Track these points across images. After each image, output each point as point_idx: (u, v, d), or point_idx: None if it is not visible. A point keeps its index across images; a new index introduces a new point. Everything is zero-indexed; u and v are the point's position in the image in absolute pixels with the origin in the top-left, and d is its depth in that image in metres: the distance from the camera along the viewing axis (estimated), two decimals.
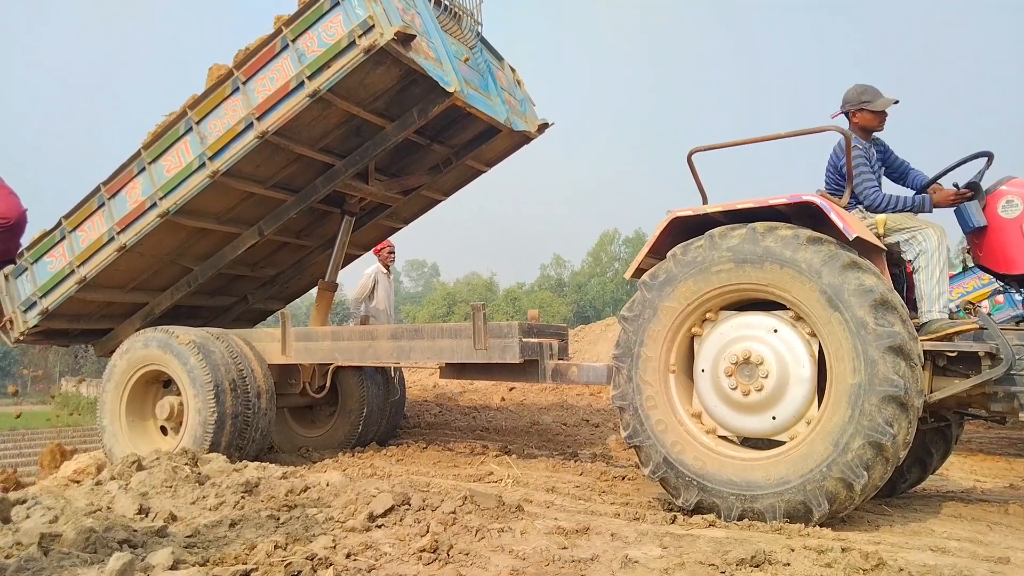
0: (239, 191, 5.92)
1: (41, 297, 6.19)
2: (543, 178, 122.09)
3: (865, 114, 4.29)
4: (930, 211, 4.08)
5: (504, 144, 6.86)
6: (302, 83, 5.15)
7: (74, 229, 6.05)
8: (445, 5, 5.82)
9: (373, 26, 4.85)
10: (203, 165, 5.55)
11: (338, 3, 4.98)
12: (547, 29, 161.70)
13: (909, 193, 4.32)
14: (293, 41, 5.15)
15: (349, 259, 7.82)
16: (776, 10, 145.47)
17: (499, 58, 6.63)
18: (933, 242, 3.90)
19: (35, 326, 6.30)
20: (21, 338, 6.43)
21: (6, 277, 6.27)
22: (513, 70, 6.86)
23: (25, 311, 6.29)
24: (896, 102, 4.27)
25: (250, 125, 5.35)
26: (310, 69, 5.11)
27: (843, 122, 4.38)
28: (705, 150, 4.29)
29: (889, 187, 4.43)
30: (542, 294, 61.51)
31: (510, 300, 56.04)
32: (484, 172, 7.28)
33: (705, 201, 4.31)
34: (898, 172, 4.52)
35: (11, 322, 6.37)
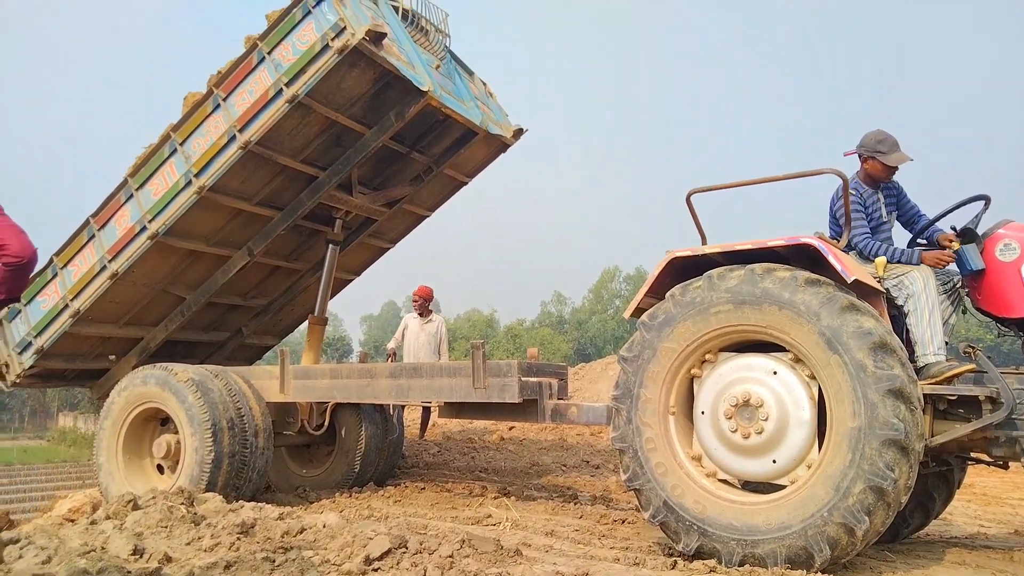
0: (227, 208, 6.01)
1: (35, 336, 6.20)
2: (543, 215, 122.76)
3: (876, 163, 4.31)
4: (916, 264, 4.08)
5: (482, 152, 7.03)
6: (280, 91, 5.34)
7: (65, 265, 6.12)
8: (412, 17, 6.03)
9: (344, 28, 5.07)
10: (189, 183, 5.68)
11: (310, 12, 5.21)
12: (549, 59, 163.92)
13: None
14: (269, 53, 5.37)
15: (341, 284, 7.92)
16: (783, 47, 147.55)
17: (469, 72, 6.84)
18: (919, 284, 3.92)
19: (31, 367, 6.29)
20: (18, 381, 6.42)
21: (0, 321, 6.28)
22: (484, 83, 7.05)
23: (20, 352, 6.30)
24: (911, 160, 4.27)
25: (233, 138, 5.51)
26: (287, 76, 5.30)
27: (855, 162, 4.42)
28: (704, 191, 4.32)
29: (900, 231, 4.46)
30: (543, 331, 61.43)
31: (511, 337, 55.94)
32: (466, 183, 7.44)
33: (704, 241, 4.33)
34: (908, 216, 4.53)
35: (7, 365, 6.37)
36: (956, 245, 4.04)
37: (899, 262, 4.10)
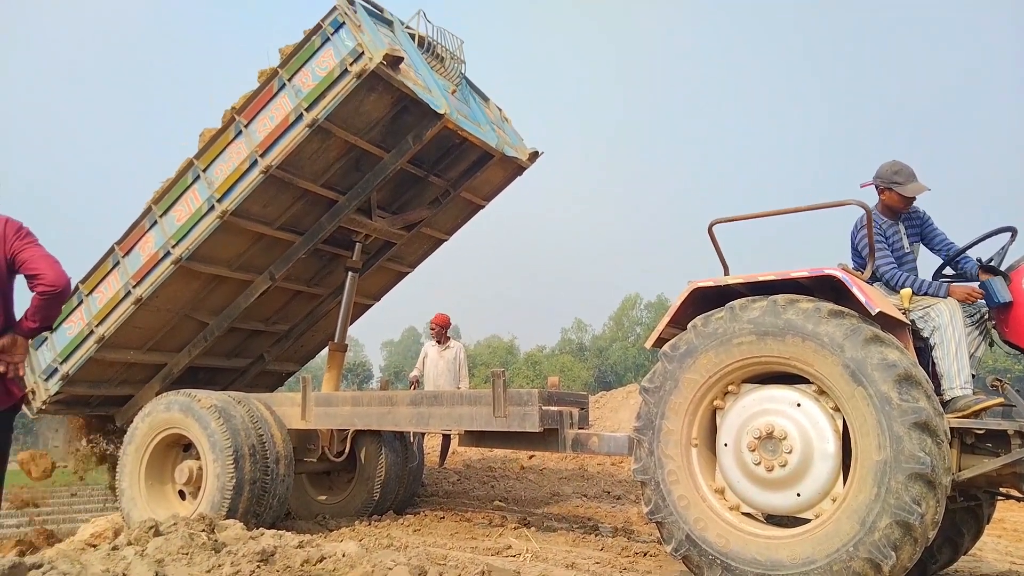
0: (249, 233, 6.10)
1: (61, 362, 6.29)
2: (564, 241, 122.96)
3: (892, 194, 4.30)
4: (944, 297, 4.05)
5: (498, 175, 7.10)
6: (300, 115, 5.46)
7: (91, 292, 6.23)
8: (428, 44, 6.16)
9: (363, 53, 5.20)
10: (212, 208, 5.79)
11: (328, 39, 5.34)
12: (569, 86, 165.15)
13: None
14: (289, 80, 5.51)
15: (361, 310, 7.98)
16: (806, 79, 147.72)
17: (485, 98, 6.95)
18: (945, 317, 3.87)
19: (57, 393, 6.37)
20: (43, 407, 6.51)
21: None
22: (500, 109, 7.15)
23: (46, 379, 6.40)
24: (928, 190, 4.25)
25: (255, 162, 5.62)
26: (307, 101, 5.42)
27: (872, 193, 4.41)
28: (725, 221, 4.31)
29: (926, 257, 4.42)
30: (563, 358, 61.27)
31: (531, 364, 55.85)
32: (483, 207, 7.51)
33: (727, 272, 4.32)
34: (935, 244, 4.48)
35: (33, 392, 6.45)
36: (981, 295, 4.01)
37: (926, 294, 4.07)
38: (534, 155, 7.05)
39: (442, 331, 8.85)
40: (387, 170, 6.10)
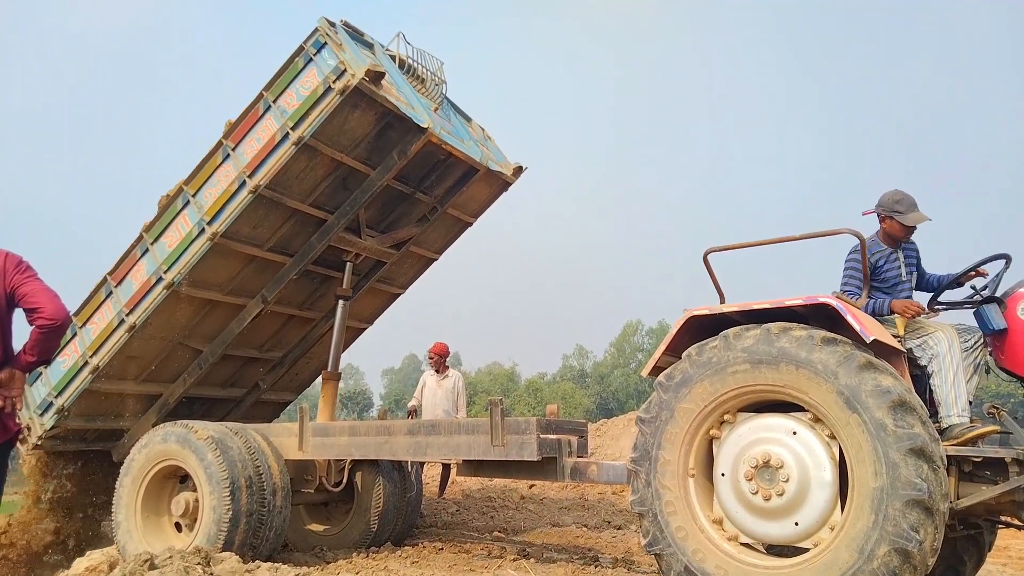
0: (240, 255, 6.16)
1: (56, 396, 6.30)
2: (566, 268, 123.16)
3: (893, 223, 4.34)
4: (887, 314, 4.12)
5: (484, 191, 7.20)
6: (287, 134, 5.58)
7: (84, 324, 6.27)
8: (409, 66, 6.30)
9: (345, 70, 5.34)
10: (203, 231, 5.87)
11: (311, 59, 5.49)
12: (572, 108, 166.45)
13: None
14: (274, 101, 5.64)
15: (355, 334, 8.02)
16: (805, 107, 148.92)
17: (467, 118, 7.07)
18: (944, 346, 3.88)
19: (52, 427, 6.36)
20: (39, 443, 6.48)
21: None
22: (483, 128, 7.27)
23: (41, 414, 6.39)
24: (928, 220, 4.30)
25: (243, 184, 5.73)
26: (292, 120, 5.55)
27: (873, 221, 4.45)
28: (720, 250, 4.33)
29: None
30: (564, 385, 61.07)
31: (532, 391, 55.65)
32: (471, 224, 7.60)
33: (722, 300, 4.33)
34: (921, 280, 4.55)
35: (28, 428, 6.43)
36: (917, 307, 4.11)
37: (873, 313, 4.11)
38: (518, 170, 7.18)
39: (440, 360, 8.87)
40: (374, 187, 6.22)
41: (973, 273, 4.31)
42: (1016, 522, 3.93)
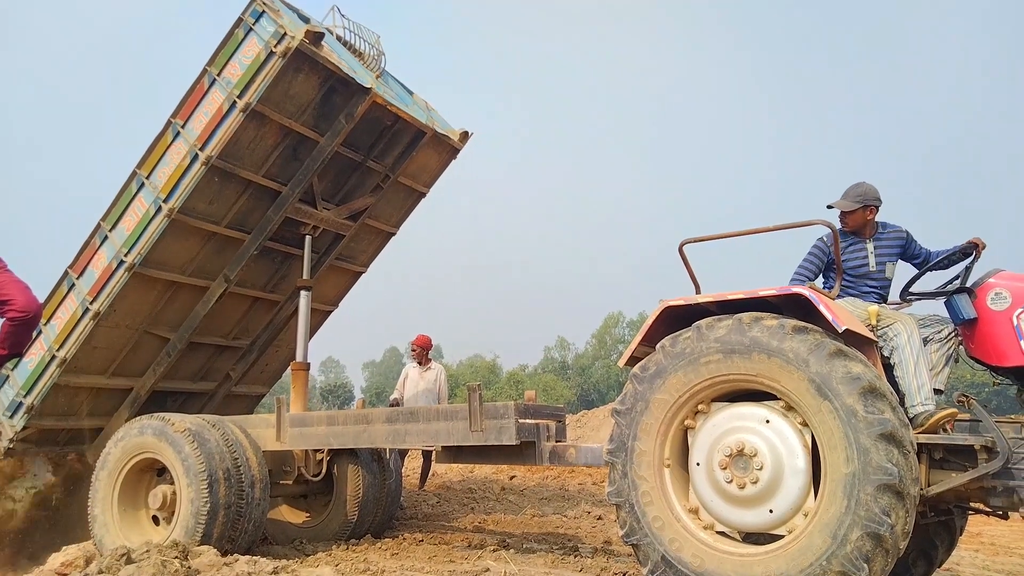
0: (198, 233, 6.19)
1: (25, 395, 6.24)
2: (546, 261, 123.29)
3: (855, 215, 4.43)
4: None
5: (433, 159, 7.33)
6: (233, 103, 5.69)
7: (48, 320, 6.23)
8: (345, 42, 6.45)
9: (285, 33, 5.46)
10: (159, 209, 5.93)
11: (251, 29, 5.62)
12: (558, 101, 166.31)
13: None
14: (219, 74, 5.74)
15: (321, 318, 8.04)
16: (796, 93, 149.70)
17: (409, 91, 7.17)
18: (903, 337, 3.94)
19: (23, 428, 6.29)
20: (11, 446, 6.39)
21: None
22: (426, 101, 7.33)
23: (11, 415, 6.32)
24: (880, 202, 4.44)
25: (195, 157, 5.81)
26: (238, 88, 5.66)
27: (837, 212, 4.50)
28: (695, 242, 4.37)
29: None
30: (545, 377, 61.22)
31: (513, 383, 55.74)
32: (425, 194, 7.70)
33: (698, 290, 4.36)
34: (919, 260, 4.58)
35: None
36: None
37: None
38: (465, 135, 7.28)
39: (423, 352, 8.86)
40: (324, 153, 6.30)
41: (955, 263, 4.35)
42: (985, 508, 4.00)
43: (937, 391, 3.96)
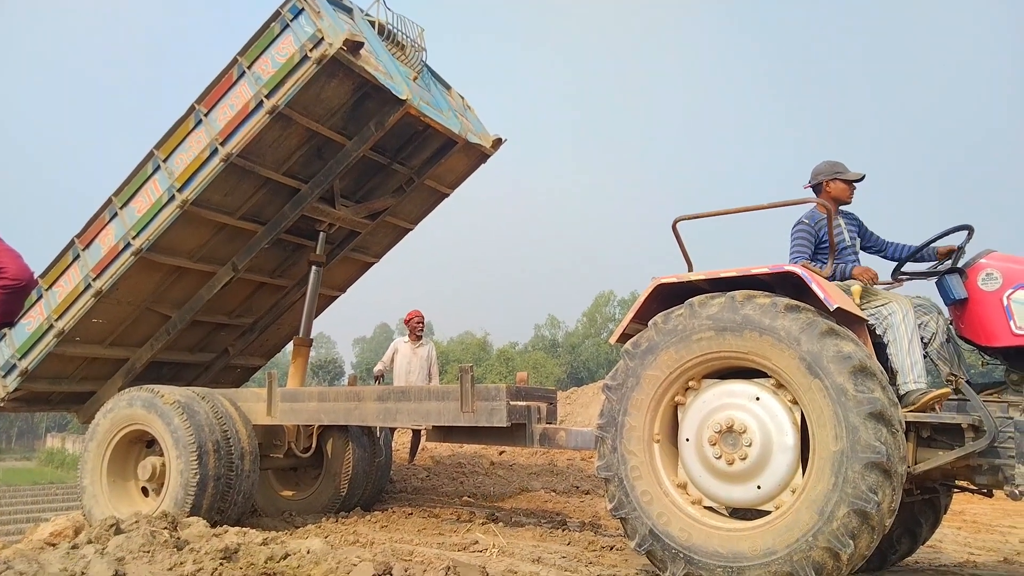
0: (210, 223, 6.04)
1: (20, 358, 6.18)
2: (539, 238, 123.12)
3: (839, 184, 4.43)
4: (850, 278, 4.23)
5: (462, 163, 7.10)
6: (261, 102, 5.43)
7: (50, 286, 6.13)
8: (388, 32, 6.13)
9: (322, 38, 5.18)
10: (172, 198, 5.74)
11: (288, 25, 5.32)
12: (548, 86, 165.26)
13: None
14: (249, 67, 5.47)
15: (327, 302, 7.94)
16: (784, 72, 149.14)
17: (447, 86, 6.94)
18: (898, 316, 3.95)
19: (15, 390, 6.26)
20: (2, 404, 6.38)
21: None
22: (462, 97, 7.15)
23: (4, 375, 6.28)
24: (863, 177, 4.44)
25: (215, 151, 5.58)
26: (267, 88, 5.39)
27: (812, 193, 4.52)
28: (689, 219, 4.35)
29: (867, 260, 4.53)
30: (536, 354, 61.33)
31: (503, 360, 55.85)
32: (447, 195, 7.51)
33: (690, 268, 4.35)
34: (875, 247, 4.64)
35: None
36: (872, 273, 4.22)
37: (833, 278, 4.20)
38: (497, 142, 7.06)
39: (420, 326, 8.78)
40: (349, 157, 6.10)
41: (942, 247, 4.37)
42: (971, 486, 4.05)
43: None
